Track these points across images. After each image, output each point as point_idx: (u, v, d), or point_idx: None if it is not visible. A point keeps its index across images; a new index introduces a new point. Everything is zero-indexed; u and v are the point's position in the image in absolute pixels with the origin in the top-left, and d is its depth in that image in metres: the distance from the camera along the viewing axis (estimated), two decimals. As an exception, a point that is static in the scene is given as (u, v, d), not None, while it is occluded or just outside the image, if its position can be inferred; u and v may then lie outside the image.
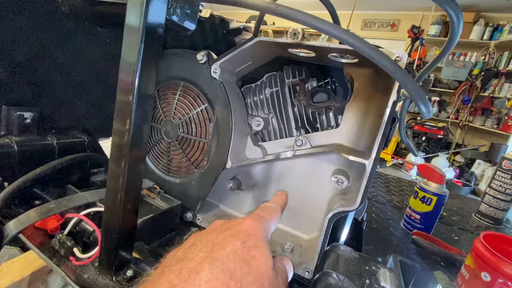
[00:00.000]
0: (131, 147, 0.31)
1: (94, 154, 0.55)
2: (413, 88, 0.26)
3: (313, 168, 0.50)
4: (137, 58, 0.29)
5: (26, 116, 0.48)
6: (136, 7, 0.28)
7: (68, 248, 0.37)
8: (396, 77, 0.26)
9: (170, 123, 0.52)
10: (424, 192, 0.89)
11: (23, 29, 0.47)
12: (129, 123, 0.31)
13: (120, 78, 0.30)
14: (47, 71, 0.51)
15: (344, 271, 0.27)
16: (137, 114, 0.31)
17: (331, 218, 0.39)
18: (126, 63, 0.29)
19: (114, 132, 0.31)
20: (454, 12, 0.28)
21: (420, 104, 0.28)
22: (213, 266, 0.21)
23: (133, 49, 0.29)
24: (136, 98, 0.30)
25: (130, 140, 0.31)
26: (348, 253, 0.31)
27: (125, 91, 0.30)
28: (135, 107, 0.30)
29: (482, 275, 0.58)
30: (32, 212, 0.38)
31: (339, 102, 0.48)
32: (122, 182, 0.32)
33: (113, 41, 0.59)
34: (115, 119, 0.31)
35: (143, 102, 0.31)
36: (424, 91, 1.46)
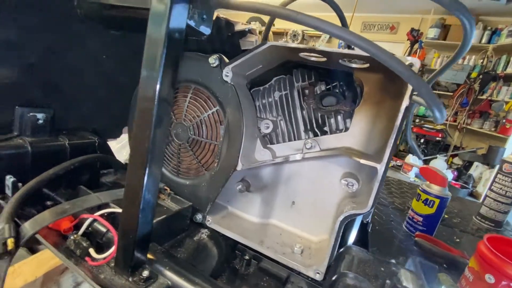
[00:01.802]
0: (151, 153, 0.32)
1: (105, 156, 0.55)
2: (427, 94, 0.27)
3: (322, 171, 0.51)
4: (160, 63, 0.29)
5: (38, 117, 0.48)
6: (160, 13, 0.28)
7: (83, 249, 0.37)
8: (412, 83, 0.27)
9: (180, 125, 0.53)
10: (426, 195, 0.89)
11: (37, 29, 0.47)
12: (149, 129, 0.31)
13: (142, 82, 0.30)
14: (59, 73, 0.52)
15: (361, 272, 0.27)
16: (157, 120, 0.31)
17: (343, 220, 0.40)
18: (148, 67, 0.30)
19: (135, 138, 0.32)
20: (467, 20, 0.29)
21: (434, 110, 0.28)
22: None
23: (156, 54, 0.29)
24: (157, 104, 0.31)
25: (150, 146, 0.31)
26: (363, 254, 0.32)
27: (147, 98, 0.30)
28: (156, 114, 0.31)
29: (486, 277, 0.58)
30: (47, 213, 0.39)
31: (349, 106, 0.48)
32: (141, 186, 0.32)
33: (122, 44, 0.59)
34: (136, 124, 0.31)
35: (163, 108, 0.31)
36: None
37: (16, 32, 0.44)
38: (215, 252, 0.50)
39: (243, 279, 0.47)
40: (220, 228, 0.51)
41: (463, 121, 4.21)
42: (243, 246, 0.52)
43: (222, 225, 0.51)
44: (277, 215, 0.55)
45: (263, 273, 0.49)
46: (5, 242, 0.34)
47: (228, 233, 0.50)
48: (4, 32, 0.42)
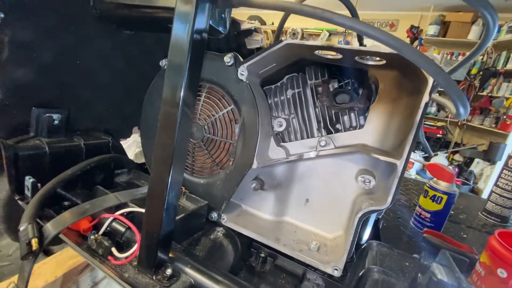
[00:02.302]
0: (175, 153, 0.32)
1: (119, 155, 0.55)
2: (455, 90, 0.27)
3: (336, 168, 0.51)
4: (185, 60, 0.29)
5: (54, 117, 0.48)
6: (186, 12, 0.28)
7: (106, 248, 0.37)
8: (438, 79, 0.27)
9: (195, 125, 0.53)
10: (434, 191, 0.90)
11: (53, 31, 0.47)
12: (173, 130, 0.31)
13: (168, 78, 0.30)
14: (73, 73, 0.52)
15: (387, 267, 0.28)
16: (181, 126, 0.31)
17: (361, 217, 0.40)
18: (173, 65, 0.30)
19: (158, 140, 0.32)
20: (490, 15, 0.29)
21: (459, 105, 0.29)
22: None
23: (181, 52, 0.29)
24: (182, 104, 0.31)
25: (175, 147, 0.31)
26: (385, 250, 0.32)
27: (171, 98, 0.30)
28: (181, 115, 0.31)
29: (498, 271, 0.59)
30: (68, 213, 0.39)
31: (363, 103, 0.49)
32: (165, 186, 0.32)
33: (135, 45, 0.59)
34: (160, 125, 0.31)
35: (187, 109, 0.32)
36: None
37: (32, 33, 0.44)
38: (231, 250, 0.50)
39: (260, 276, 0.48)
40: (236, 226, 0.51)
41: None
42: (258, 244, 0.52)
43: (238, 223, 0.52)
44: (291, 213, 0.56)
45: (279, 270, 0.49)
46: (29, 242, 0.34)
47: (244, 231, 0.51)
48: (21, 33, 0.42)
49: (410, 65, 0.29)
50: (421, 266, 0.25)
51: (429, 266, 0.25)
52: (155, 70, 0.54)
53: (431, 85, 0.35)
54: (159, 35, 0.64)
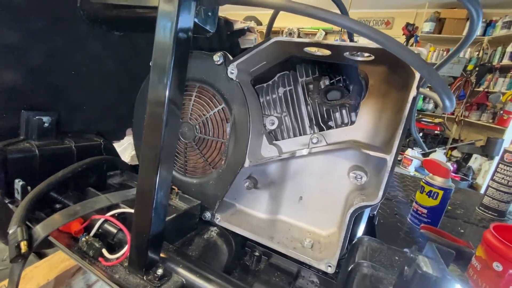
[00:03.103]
0: (162, 153, 0.32)
1: (111, 157, 0.55)
2: (439, 83, 0.27)
3: (329, 165, 0.51)
4: (169, 60, 0.29)
5: (44, 120, 0.48)
6: (168, 10, 0.28)
7: (96, 249, 0.37)
8: (423, 72, 0.27)
9: (186, 124, 0.53)
10: (430, 187, 0.90)
11: (41, 33, 0.47)
12: (160, 129, 0.31)
13: (152, 80, 0.30)
14: (63, 76, 0.52)
15: (376, 261, 0.27)
16: (168, 125, 0.31)
17: (353, 213, 0.40)
18: (157, 65, 0.30)
19: (145, 139, 0.32)
20: (474, 9, 0.29)
21: (444, 98, 0.29)
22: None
23: (165, 52, 0.29)
24: (167, 104, 0.31)
25: (161, 146, 0.31)
26: (376, 244, 0.32)
27: (156, 98, 0.30)
28: (166, 114, 0.31)
29: (494, 265, 0.59)
30: (59, 215, 0.39)
31: (354, 99, 0.49)
32: (153, 186, 0.32)
33: (126, 46, 0.59)
34: (146, 125, 0.31)
35: (173, 108, 0.32)
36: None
37: (20, 36, 0.44)
38: (225, 249, 0.50)
39: (254, 275, 0.47)
40: (229, 226, 0.51)
41: (461, 114, 4.22)
42: (252, 242, 0.52)
43: (231, 223, 0.52)
44: (285, 211, 0.56)
45: (274, 268, 0.49)
46: (18, 245, 0.34)
47: (238, 230, 0.51)
48: (8, 36, 0.42)
49: (398, 60, 0.29)
50: (407, 259, 0.25)
51: (415, 258, 0.25)
52: (147, 71, 0.54)
53: (418, 79, 0.35)
54: (151, 35, 0.63)
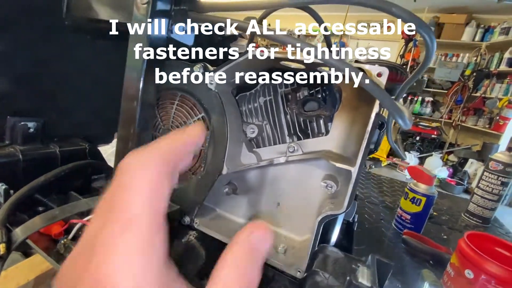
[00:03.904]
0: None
1: (95, 161, 0.57)
2: (390, 104, 0.29)
3: (304, 173, 0.53)
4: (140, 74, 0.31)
5: (29, 125, 0.50)
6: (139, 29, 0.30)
7: (73, 253, 0.39)
8: (375, 94, 0.29)
9: (168, 132, 0.54)
10: (413, 193, 0.92)
11: (26, 41, 0.49)
12: (133, 129, 0.33)
13: (125, 87, 0.32)
14: (49, 82, 0.53)
15: (331, 270, 0.29)
16: (141, 120, 0.33)
17: (321, 220, 0.42)
18: (130, 79, 0.32)
19: (119, 138, 0.34)
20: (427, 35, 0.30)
21: (398, 118, 0.30)
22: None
23: (137, 65, 0.31)
24: (140, 106, 0.32)
25: (135, 146, 0.33)
26: (335, 253, 0.34)
27: (130, 100, 0.32)
28: (139, 115, 0.33)
29: (466, 272, 0.61)
30: (38, 218, 0.40)
31: (328, 110, 0.50)
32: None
33: (114, 52, 0.61)
34: (120, 126, 0.33)
35: (146, 110, 0.33)
36: (420, 90, 1.52)
37: (6, 44, 0.45)
38: (203, 253, 0.52)
39: (229, 278, 0.49)
40: (207, 230, 0.53)
41: (457, 118, 4.25)
42: (230, 247, 0.54)
43: (209, 227, 0.53)
44: (263, 216, 0.57)
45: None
46: (-3, 247, 0.35)
47: (214, 234, 0.52)
48: (-6, 45, 0.44)
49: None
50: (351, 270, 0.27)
51: (356, 269, 0.27)
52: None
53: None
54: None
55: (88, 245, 0.16)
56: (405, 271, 0.76)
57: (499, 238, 0.68)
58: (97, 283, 0.14)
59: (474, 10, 4.02)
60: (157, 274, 0.15)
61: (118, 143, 0.34)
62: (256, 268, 0.17)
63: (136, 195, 0.16)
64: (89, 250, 0.15)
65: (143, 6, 0.29)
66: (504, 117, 3.55)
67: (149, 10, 0.29)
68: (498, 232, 1.07)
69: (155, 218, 0.16)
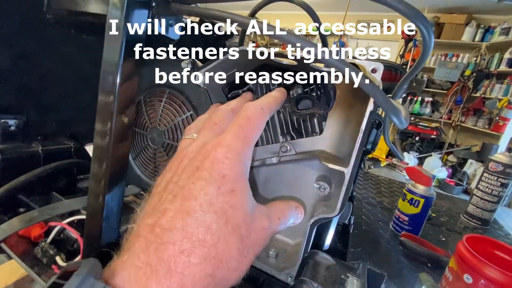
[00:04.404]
0: (113, 148, 0.31)
1: (80, 160, 0.55)
2: (384, 102, 0.27)
3: (297, 174, 0.51)
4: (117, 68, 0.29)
5: (10, 123, 0.48)
6: (115, 20, 0.28)
7: (50, 257, 0.37)
8: (367, 90, 0.27)
9: (156, 130, 0.52)
10: (412, 194, 0.90)
11: (7, 36, 0.47)
12: (110, 123, 0.31)
13: (102, 82, 0.30)
14: (32, 78, 0.51)
15: (320, 279, 0.27)
16: (119, 115, 0.31)
17: (313, 224, 0.40)
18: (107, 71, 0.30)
19: (96, 133, 0.32)
20: (425, 28, 0.29)
21: (392, 117, 0.28)
22: (185, 223, 0.19)
23: (113, 59, 0.29)
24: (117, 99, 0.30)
25: (112, 141, 0.31)
26: (326, 260, 0.32)
27: (106, 93, 0.30)
28: (117, 110, 0.31)
29: (465, 277, 0.59)
30: (15, 220, 0.39)
31: (322, 109, 0.48)
32: (103, 192, 0.32)
33: (99, 48, 0.59)
34: (97, 120, 0.31)
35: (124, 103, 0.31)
36: (419, 90, 1.49)
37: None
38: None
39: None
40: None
41: (457, 119, 4.23)
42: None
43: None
44: (255, 219, 0.55)
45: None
46: (-31, 251, 0.34)
47: (204, 237, 0.50)
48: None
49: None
50: (340, 280, 0.25)
51: (345, 280, 0.25)
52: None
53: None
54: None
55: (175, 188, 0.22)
56: (402, 274, 0.74)
57: (498, 241, 0.66)
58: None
59: (474, 10, 4.01)
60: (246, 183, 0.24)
61: (95, 138, 0.32)
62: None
63: (244, 205, 0.23)
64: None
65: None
66: (503, 118, 3.53)
67: (125, 0, 0.27)
68: (498, 234, 1.05)
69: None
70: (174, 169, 0.24)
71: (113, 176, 0.32)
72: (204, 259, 0.19)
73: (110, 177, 0.32)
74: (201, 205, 0.20)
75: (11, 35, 0.46)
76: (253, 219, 0.23)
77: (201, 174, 0.21)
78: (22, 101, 0.51)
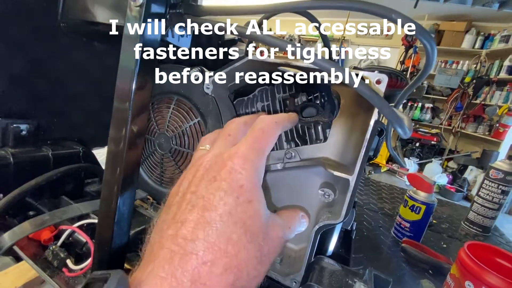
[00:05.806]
0: (127, 154, 0.32)
1: (88, 165, 0.56)
2: (389, 113, 0.28)
3: (302, 180, 0.52)
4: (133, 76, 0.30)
5: (22, 128, 0.49)
6: (133, 31, 0.30)
7: (61, 260, 0.38)
8: (374, 102, 0.28)
9: (163, 136, 0.54)
10: (413, 201, 0.91)
11: (21, 42, 0.48)
12: (125, 130, 0.32)
13: (118, 88, 0.32)
14: (44, 84, 0.53)
15: (326, 284, 0.28)
16: (133, 122, 0.32)
17: (317, 230, 0.41)
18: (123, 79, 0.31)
19: (111, 139, 0.33)
20: (428, 43, 0.30)
21: (397, 127, 0.29)
22: (207, 234, 0.20)
23: (129, 67, 0.30)
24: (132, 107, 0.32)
25: (126, 147, 0.32)
26: (332, 265, 0.33)
27: (122, 101, 0.31)
28: (131, 117, 0.32)
29: (466, 284, 0.59)
30: (27, 224, 0.39)
31: (327, 117, 0.50)
32: (117, 190, 0.33)
33: (110, 55, 0.60)
34: (110, 138, 0.32)
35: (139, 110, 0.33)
36: (419, 96, 1.51)
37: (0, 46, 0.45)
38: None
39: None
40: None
41: (457, 125, 4.24)
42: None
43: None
44: (260, 224, 0.56)
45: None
46: (-18, 254, 0.34)
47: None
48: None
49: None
50: (347, 285, 0.26)
51: (353, 285, 0.26)
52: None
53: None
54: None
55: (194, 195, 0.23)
56: (404, 280, 0.74)
57: (500, 248, 0.66)
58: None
59: (474, 17, 4.05)
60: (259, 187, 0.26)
61: (109, 145, 0.33)
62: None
63: (260, 214, 0.24)
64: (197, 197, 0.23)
65: (136, 9, 0.28)
66: (504, 125, 3.55)
67: (142, 12, 0.28)
68: (499, 241, 1.06)
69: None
70: (191, 178, 0.25)
71: (126, 182, 0.33)
72: (225, 269, 0.19)
73: (122, 182, 0.33)
74: (221, 215, 0.21)
75: (25, 42, 0.47)
76: (268, 228, 0.24)
77: (219, 184, 0.22)
78: (34, 107, 0.52)
